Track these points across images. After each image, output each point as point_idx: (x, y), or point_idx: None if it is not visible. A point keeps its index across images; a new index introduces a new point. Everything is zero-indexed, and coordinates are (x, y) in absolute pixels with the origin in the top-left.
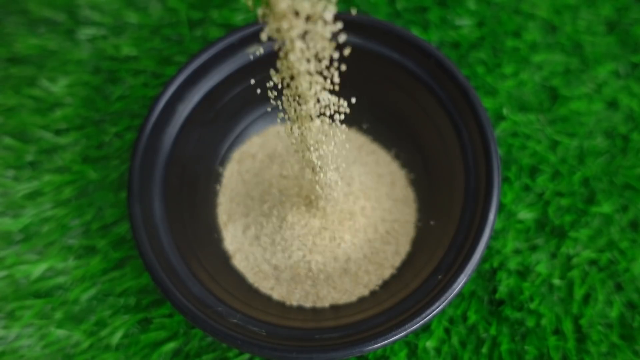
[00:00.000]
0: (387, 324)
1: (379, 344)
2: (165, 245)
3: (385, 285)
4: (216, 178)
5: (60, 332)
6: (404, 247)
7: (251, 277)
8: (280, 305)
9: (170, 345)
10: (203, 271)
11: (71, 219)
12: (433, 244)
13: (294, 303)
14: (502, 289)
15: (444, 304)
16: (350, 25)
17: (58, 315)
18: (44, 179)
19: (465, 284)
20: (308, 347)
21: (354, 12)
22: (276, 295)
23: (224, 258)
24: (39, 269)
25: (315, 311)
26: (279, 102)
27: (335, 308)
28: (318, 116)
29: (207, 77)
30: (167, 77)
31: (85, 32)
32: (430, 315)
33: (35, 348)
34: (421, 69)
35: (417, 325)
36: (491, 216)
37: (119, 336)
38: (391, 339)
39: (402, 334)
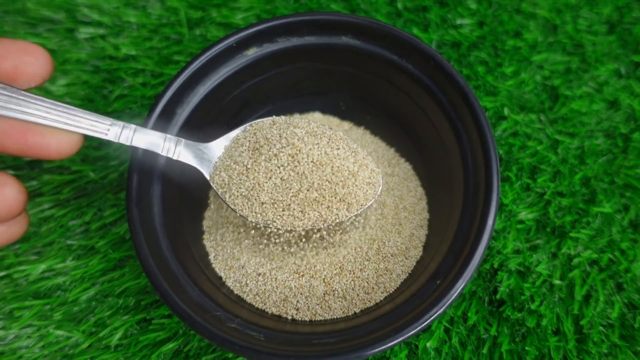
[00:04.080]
0: (385, 329)
1: (377, 349)
2: (164, 250)
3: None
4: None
5: (60, 333)
6: (413, 258)
7: (240, 293)
8: (278, 316)
9: (170, 346)
10: (202, 275)
11: (70, 219)
12: (432, 248)
13: (290, 318)
14: (503, 290)
15: (442, 309)
16: (350, 27)
17: (57, 315)
18: (42, 179)
19: (463, 289)
20: (306, 352)
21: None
22: (270, 311)
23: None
24: (38, 269)
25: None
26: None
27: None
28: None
29: (205, 80)
30: (167, 76)
31: (84, 32)
32: (428, 320)
33: (35, 349)
34: (421, 72)
35: (415, 330)
36: (490, 221)
37: (118, 337)
38: (389, 344)
39: (400, 339)
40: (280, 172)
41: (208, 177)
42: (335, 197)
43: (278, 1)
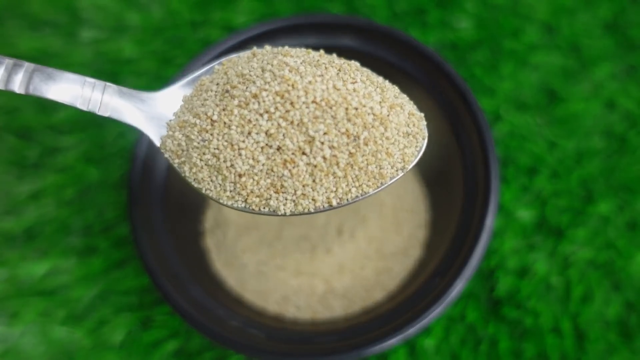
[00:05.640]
0: (385, 328)
1: (377, 348)
2: (165, 249)
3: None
4: None
5: (63, 331)
6: (413, 257)
7: (241, 291)
8: (278, 315)
9: (172, 344)
10: (203, 274)
11: (74, 219)
12: (432, 248)
13: (290, 316)
14: (501, 288)
15: (442, 308)
16: (349, 28)
17: (60, 314)
18: (47, 179)
19: (463, 288)
20: (306, 351)
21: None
22: (271, 309)
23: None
24: (41, 269)
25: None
26: None
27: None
28: None
29: None
30: (169, 79)
31: (87, 34)
32: (428, 319)
33: (38, 346)
34: (419, 72)
35: (415, 329)
36: (489, 221)
37: (121, 335)
38: (389, 344)
39: (400, 338)
40: (263, 123)
41: (157, 143)
42: (356, 159)
43: (279, 5)
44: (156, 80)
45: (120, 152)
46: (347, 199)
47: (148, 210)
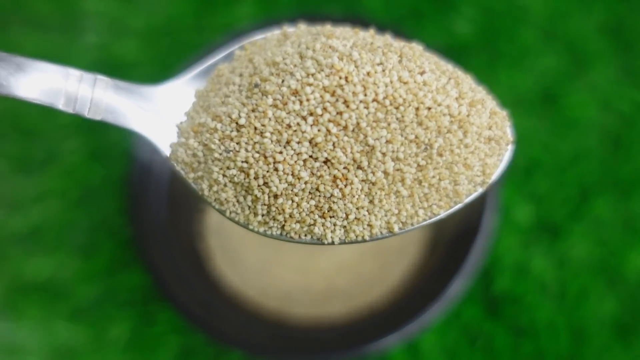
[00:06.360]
0: (384, 326)
1: (376, 346)
2: (167, 247)
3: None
4: None
5: (66, 329)
6: (412, 255)
7: (242, 289)
8: (279, 313)
9: (176, 340)
10: (205, 272)
11: (79, 219)
12: (431, 246)
13: (290, 314)
14: (498, 286)
15: (441, 307)
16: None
17: (64, 312)
18: (53, 180)
19: (462, 287)
20: (306, 348)
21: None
22: (272, 306)
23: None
24: (45, 267)
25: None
26: None
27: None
28: None
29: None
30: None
31: (89, 37)
32: (428, 318)
33: (41, 344)
34: None
35: (414, 328)
36: (488, 220)
37: (124, 332)
38: (388, 342)
39: (399, 335)
40: (307, 129)
41: (166, 151)
42: (426, 174)
43: (280, 10)
44: (160, 84)
45: (125, 153)
46: (412, 223)
47: (150, 211)
